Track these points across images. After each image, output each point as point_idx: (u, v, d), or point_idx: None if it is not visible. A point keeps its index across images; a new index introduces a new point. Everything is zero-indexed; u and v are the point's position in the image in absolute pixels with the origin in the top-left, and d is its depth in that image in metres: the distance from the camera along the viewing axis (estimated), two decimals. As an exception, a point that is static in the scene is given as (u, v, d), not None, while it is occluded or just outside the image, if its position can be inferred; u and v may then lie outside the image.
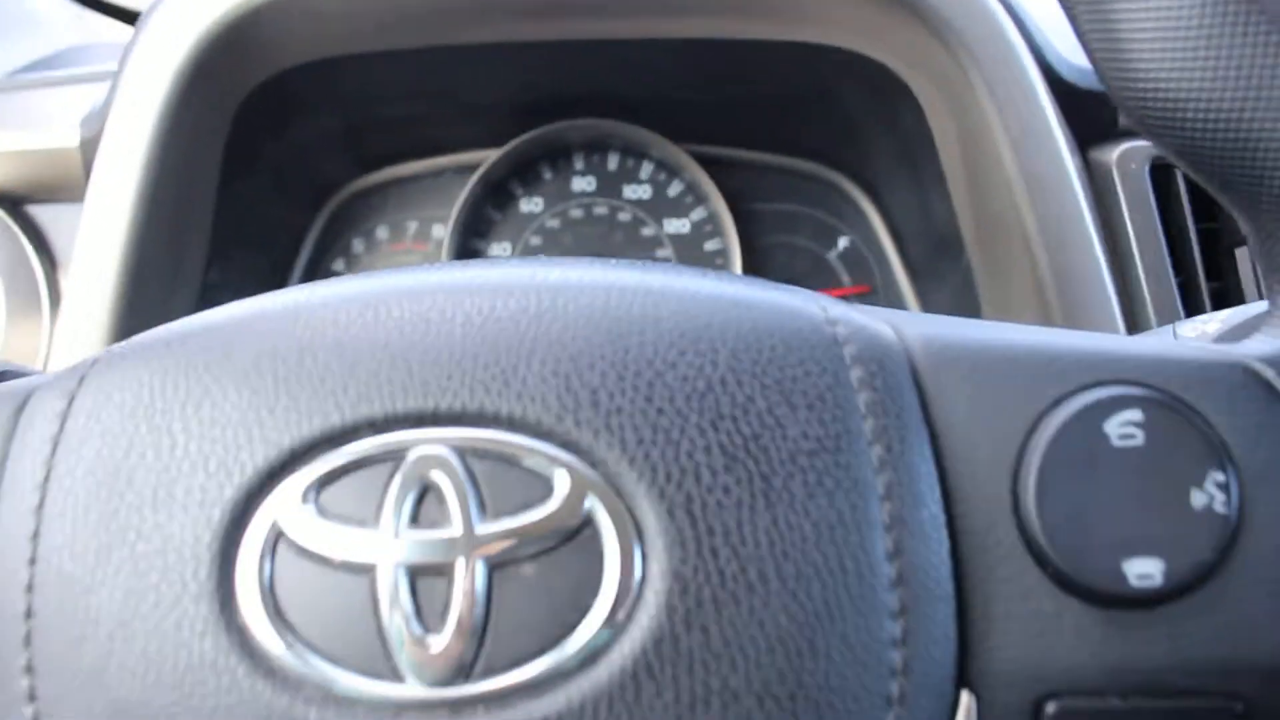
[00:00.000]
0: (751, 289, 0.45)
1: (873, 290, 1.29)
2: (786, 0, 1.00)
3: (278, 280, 1.30)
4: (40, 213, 1.21)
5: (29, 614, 0.40)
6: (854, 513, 0.39)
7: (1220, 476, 0.40)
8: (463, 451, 0.39)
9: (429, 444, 0.39)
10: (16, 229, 1.19)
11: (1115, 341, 0.45)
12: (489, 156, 1.29)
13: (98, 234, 1.01)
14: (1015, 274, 1.01)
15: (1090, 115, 0.98)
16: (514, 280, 0.44)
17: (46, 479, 0.41)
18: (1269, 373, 0.42)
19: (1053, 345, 0.43)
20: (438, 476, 0.39)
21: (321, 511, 0.39)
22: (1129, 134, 1.00)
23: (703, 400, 0.40)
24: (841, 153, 1.28)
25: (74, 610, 0.40)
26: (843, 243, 1.30)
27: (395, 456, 0.40)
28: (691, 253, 1.30)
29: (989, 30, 0.95)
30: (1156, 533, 0.40)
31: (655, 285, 0.44)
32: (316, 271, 1.32)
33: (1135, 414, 0.41)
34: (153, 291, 1.05)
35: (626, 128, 1.28)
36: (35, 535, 0.41)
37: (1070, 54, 1.01)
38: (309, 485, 0.39)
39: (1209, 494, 0.40)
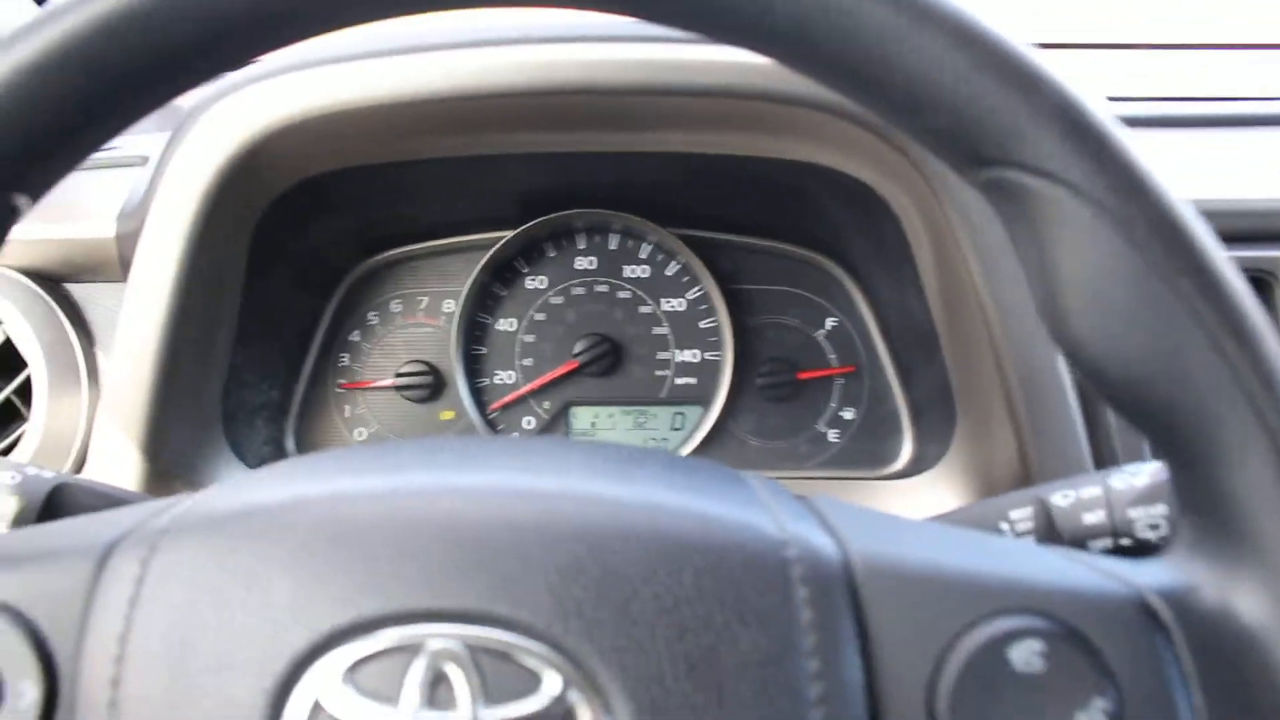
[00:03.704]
0: (720, 504, 0.53)
1: (858, 369, 1.37)
2: (775, 121, 1.07)
3: (298, 356, 1.39)
4: (77, 290, 1.29)
5: None
6: (793, 715, 0.47)
7: (1104, 704, 0.47)
8: (471, 647, 0.47)
9: (443, 638, 0.47)
10: (55, 306, 1.27)
11: (1032, 561, 0.52)
12: (496, 238, 1.37)
13: (137, 328, 1.08)
14: (985, 377, 1.09)
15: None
16: (516, 487, 0.53)
17: (125, 635, 0.49)
18: (1160, 607, 0.50)
19: (974, 569, 0.51)
20: (450, 667, 0.47)
21: (355, 687, 0.47)
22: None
23: (670, 615, 0.48)
24: (826, 242, 1.36)
25: None
26: (830, 323, 1.38)
27: (415, 647, 0.47)
28: (688, 329, 1.38)
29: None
30: None
31: (632, 500, 0.52)
32: (334, 343, 1.40)
33: (1037, 644, 0.48)
34: (186, 374, 1.13)
35: (625, 216, 1.36)
36: (115, 682, 0.48)
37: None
38: (345, 667, 0.47)
39: (1094, 718, 0.47)
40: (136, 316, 1.09)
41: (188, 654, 0.48)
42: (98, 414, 1.21)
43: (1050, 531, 0.74)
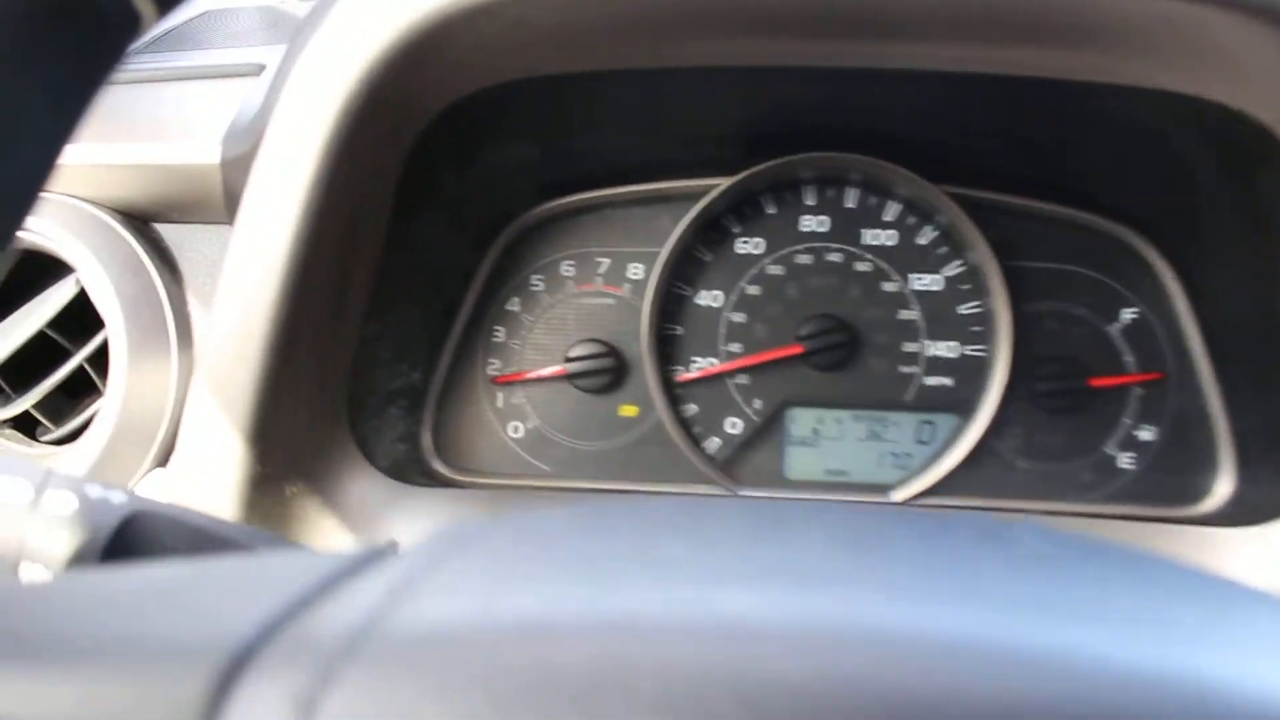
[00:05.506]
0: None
1: (1165, 378, 1.05)
2: (1121, 28, 0.77)
3: (442, 328, 1.11)
4: (169, 232, 1.09)
5: None
6: None
7: None
8: None
9: None
10: (141, 251, 1.03)
11: None
12: (702, 187, 1.09)
13: (245, 286, 0.84)
14: None
15: None
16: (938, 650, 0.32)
17: None
18: None
19: None
20: None
21: None
22: None
23: None
24: (1148, 210, 1.05)
25: None
26: (1128, 315, 1.07)
27: None
28: (944, 315, 1.09)
29: None
30: None
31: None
32: (487, 314, 1.13)
33: None
34: (307, 348, 0.88)
35: (870, 162, 1.06)
36: None
37: None
38: None
39: None
40: (245, 270, 0.84)
41: None
42: (191, 392, 0.95)
43: None
